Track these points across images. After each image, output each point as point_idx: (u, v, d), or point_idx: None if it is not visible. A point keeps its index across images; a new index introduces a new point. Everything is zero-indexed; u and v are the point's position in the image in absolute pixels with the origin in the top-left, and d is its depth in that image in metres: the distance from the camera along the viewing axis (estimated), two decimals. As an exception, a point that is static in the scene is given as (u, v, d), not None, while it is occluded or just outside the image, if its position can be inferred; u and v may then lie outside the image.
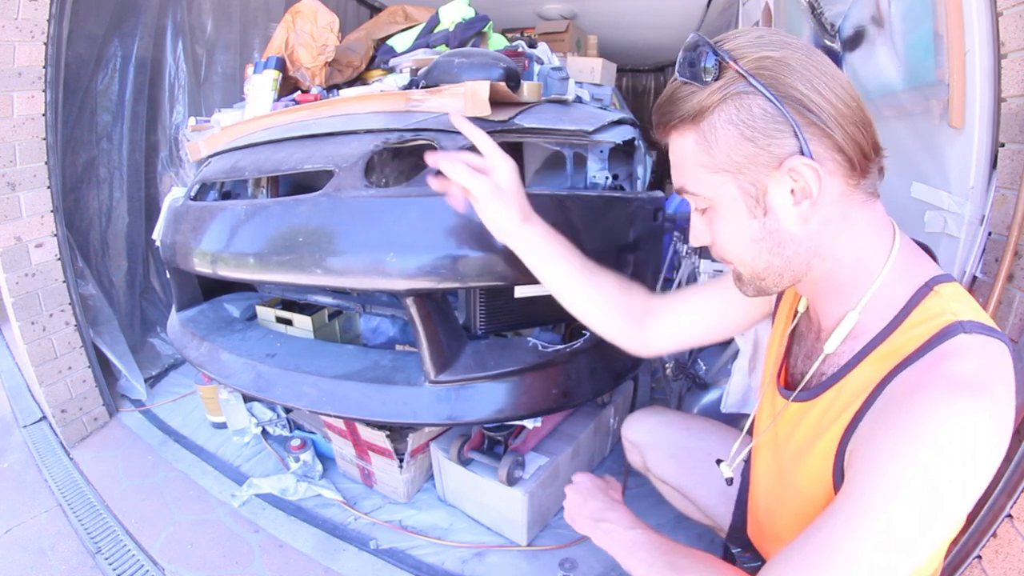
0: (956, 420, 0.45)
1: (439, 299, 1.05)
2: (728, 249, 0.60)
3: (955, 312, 0.51)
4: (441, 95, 1.16)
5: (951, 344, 0.49)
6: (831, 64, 0.52)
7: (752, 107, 0.51)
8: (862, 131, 0.52)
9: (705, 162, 0.55)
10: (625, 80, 5.60)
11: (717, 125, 0.53)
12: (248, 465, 1.65)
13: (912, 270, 0.56)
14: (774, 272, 0.58)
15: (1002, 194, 0.89)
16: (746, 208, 0.55)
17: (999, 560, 0.77)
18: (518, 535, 1.32)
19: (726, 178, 0.55)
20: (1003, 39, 0.85)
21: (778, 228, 0.55)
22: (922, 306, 0.53)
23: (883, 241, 0.57)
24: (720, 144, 0.53)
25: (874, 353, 0.55)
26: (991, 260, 0.91)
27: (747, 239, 0.57)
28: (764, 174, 0.53)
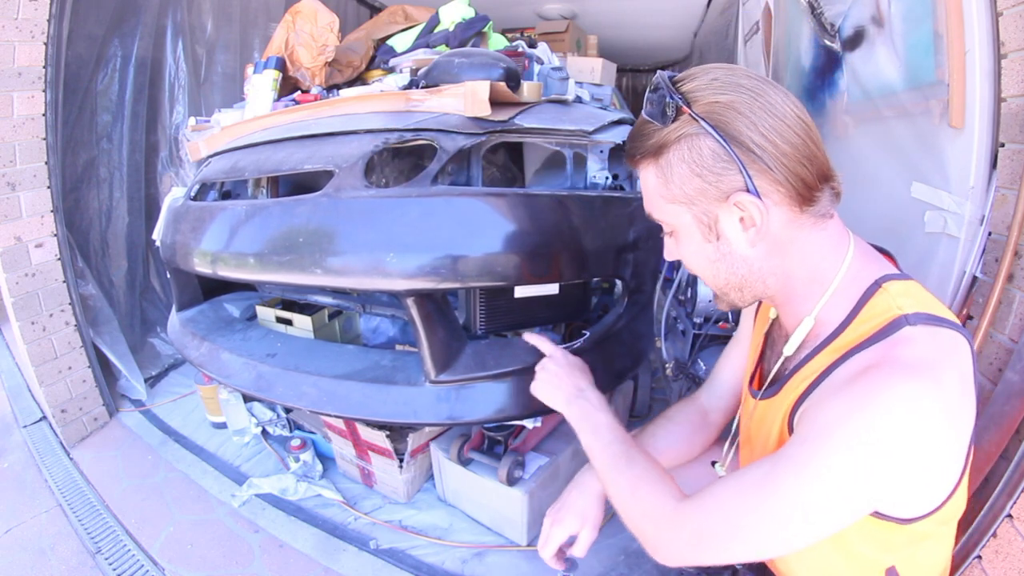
0: (899, 393, 0.49)
1: (439, 299, 1.05)
2: (692, 267, 0.67)
3: (900, 306, 0.55)
4: (441, 95, 1.16)
5: (897, 336, 0.53)
6: (781, 104, 0.56)
7: (702, 147, 0.56)
8: (806, 166, 0.56)
9: (664, 193, 0.61)
10: (625, 80, 5.61)
11: (673, 162, 0.58)
12: (248, 465, 1.65)
13: (863, 273, 0.60)
14: (734, 288, 0.64)
15: (1002, 194, 0.89)
16: (700, 234, 0.62)
17: (999, 560, 0.77)
18: (518, 535, 1.32)
19: (682, 208, 0.61)
20: (1003, 39, 0.85)
21: (730, 251, 0.61)
22: (870, 303, 0.58)
23: (837, 253, 0.61)
24: (675, 179, 0.59)
25: (827, 348, 0.60)
26: (991, 260, 0.91)
27: (705, 260, 0.64)
28: (714, 206, 0.59)
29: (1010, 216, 0.84)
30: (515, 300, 1.15)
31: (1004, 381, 0.84)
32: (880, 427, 0.48)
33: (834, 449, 0.50)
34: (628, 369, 1.29)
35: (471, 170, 1.23)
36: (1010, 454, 0.82)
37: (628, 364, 1.28)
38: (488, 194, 1.03)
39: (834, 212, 0.61)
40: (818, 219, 0.59)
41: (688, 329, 1.59)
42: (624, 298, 1.24)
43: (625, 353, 1.27)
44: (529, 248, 1.02)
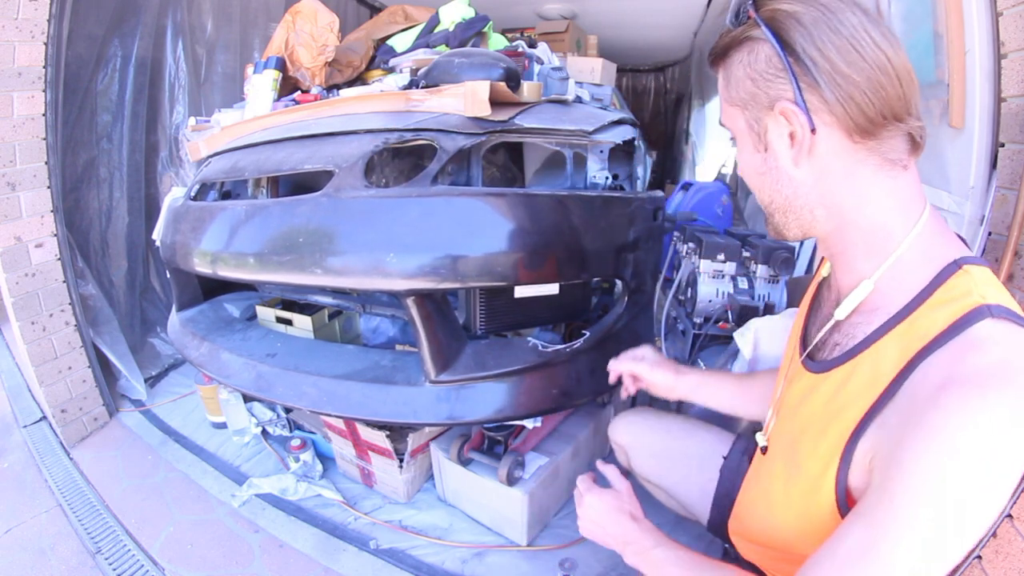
0: (985, 422, 0.44)
1: (439, 299, 1.05)
2: (744, 176, 0.65)
3: (983, 295, 0.49)
4: (441, 95, 1.16)
5: (977, 330, 0.48)
6: (858, 28, 0.52)
7: (759, 52, 0.56)
8: (867, 94, 0.52)
9: (725, 96, 0.62)
10: (625, 80, 5.61)
11: (734, 63, 0.59)
12: (248, 465, 1.65)
13: (940, 248, 0.55)
14: (779, 210, 0.62)
15: (1002, 194, 0.89)
16: (751, 142, 0.61)
17: (999, 560, 0.77)
18: (518, 535, 1.32)
19: (737, 111, 0.61)
20: (1003, 39, 0.85)
21: (777, 166, 0.59)
22: (948, 284, 0.52)
23: (908, 211, 0.56)
24: (733, 81, 0.60)
25: (895, 331, 0.54)
26: (991, 260, 0.91)
27: (753, 171, 0.62)
28: (763, 114, 0.58)
29: (1010, 216, 0.84)
30: (515, 300, 1.15)
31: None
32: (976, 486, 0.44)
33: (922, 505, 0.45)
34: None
35: (471, 170, 1.23)
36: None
37: (628, 364, 1.28)
38: (488, 194, 1.03)
39: (910, 164, 0.56)
40: (884, 162, 0.55)
41: (688, 329, 1.59)
42: (624, 298, 1.24)
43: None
44: (529, 248, 1.02)
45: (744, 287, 1.50)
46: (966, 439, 0.44)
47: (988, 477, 0.44)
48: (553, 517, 1.41)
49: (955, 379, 0.46)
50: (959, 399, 0.45)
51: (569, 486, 1.47)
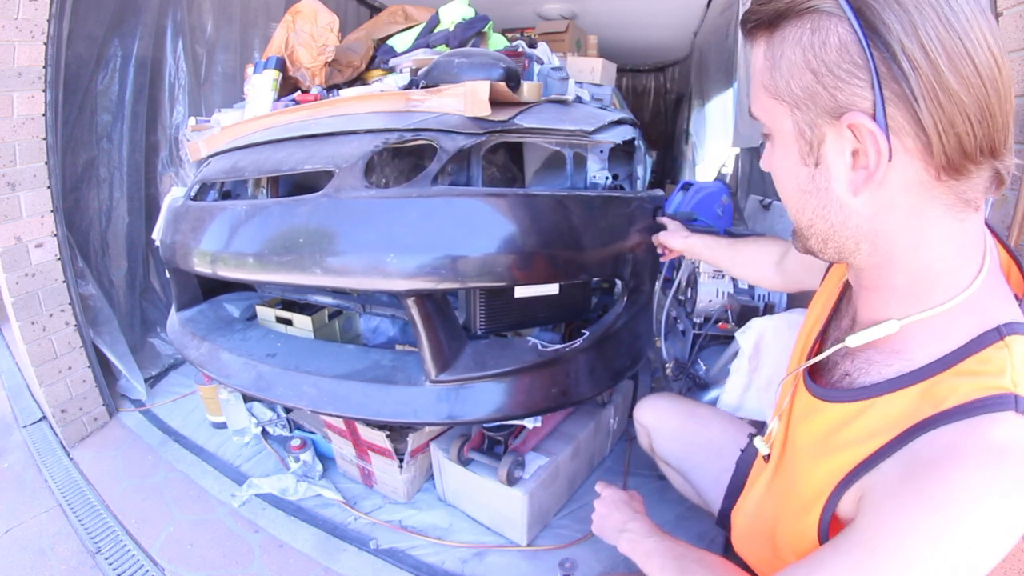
0: (990, 503, 0.40)
1: (439, 299, 1.05)
2: (779, 186, 0.53)
3: (1016, 382, 0.42)
4: (441, 95, 1.16)
5: (996, 418, 0.41)
6: (972, 20, 0.38)
7: (830, 33, 0.41)
8: (971, 123, 0.39)
9: (767, 83, 0.46)
10: (625, 80, 5.61)
11: (787, 40, 0.43)
12: (248, 465, 1.65)
13: (989, 306, 0.46)
14: (817, 236, 0.50)
15: (1002, 194, 0.89)
16: (798, 152, 0.47)
17: (999, 560, 0.77)
18: (518, 535, 1.32)
19: (783, 109, 0.46)
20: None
21: (828, 188, 0.46)
22: (982, 355, 0.44)
23: (967, 261, 0.46)
24: (783, 66, 0.44)
25: (914, 388, 0.47)
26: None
27: (794, 186, 0.49)
28: (823, 120, 0.44)
29: (1010, 216, 0.84)
30: (515, 300, 1.15)
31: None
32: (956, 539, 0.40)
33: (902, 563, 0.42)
34: (627, 368, 1.29)
35: (471, 170, 1.23)
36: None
37: (627, 363, 1.28)
38: (488, 194, 1.03)
39: (983, 203, 0.45)
40: (959, 202, 0.43)
41: (688, 329, 1.59)
42: (623, 298, 1.24)
43: (624, 353, 1.27)
44: (529, 248, 1.02)
45: (744, 287, 1.50)
46: (967, 520, 0.40)
47: (980, 559, 0.41)
48: (553, 517, 1.41)
49: (967, 449, 0.41)
50: (967, 473, 0.41)
51: (569, 486, 1.47)
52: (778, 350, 1.18)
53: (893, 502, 0.44)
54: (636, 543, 0.77)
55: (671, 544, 0.73)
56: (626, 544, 0.79)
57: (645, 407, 1.13)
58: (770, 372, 1.20)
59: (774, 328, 1.21)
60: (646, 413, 1.12)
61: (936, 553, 0.41)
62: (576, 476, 1.49)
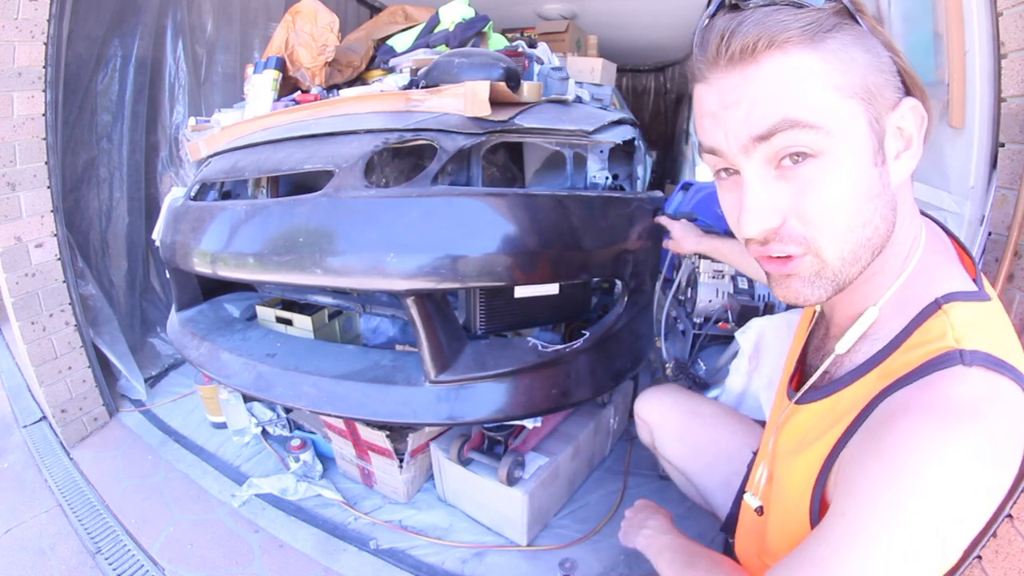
0: (942, 453, 0.41)
1: (439, 299, 1.05)
2: (834, 215, 0.45)
3: (958, 339, 0.45)
4: (441, 95, 1.16)
5: (944, 373, 0.44)
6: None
7: (867, 39, 0.44)
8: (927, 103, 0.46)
9: (839, 82, 0.43)
10: (625, 80, 5.61)
11: (847, 44, 0.43)
12: (248, 465, 1.65)
13: (932, 274, 0.50)
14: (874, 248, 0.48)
15: (1002, 194, 0.89)
16: (871, 151, 0.45)
17: (999, 560, 0.77)
18: (518, 535, 1.32)
19: (859, 108, 0.44)
20: (1003, 39, 0.85)
21: (888, 184, 0.46)
22: (924, 326, 0.48)
23: (914, 228, 0.51)
24: (856, 64, 0.43)
25: (872, 372, 0.51)
26: (991, 260, 0.91)
27: (865, 194, 0.45)
28: (885, 112, 0.45)
29: (1010, 216, 0.84)
30: (515, 300, 1.15)
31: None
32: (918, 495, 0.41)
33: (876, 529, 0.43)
34: (628, 369, 1.29)
35: (471, 170, 1.23)
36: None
37: (628, 364, 1.28)
38: (488, 194, 1.03)
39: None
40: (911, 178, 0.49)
41: (688, 329, 1.59)
42: (624, 298, 1.24)
43: (625, 353, 1.27)
44: (529, 248, 1.02)
45: (744, 287, 1.50)
46: (924, 473, 0.41)
47: (946, 507, 0.42)
48: (553, 517, 1.41)
49: (915, 407, 0.43)
50: (920, 427, 0.42)
51: (569, 486, 1.47)
52: (778, 350, 1.18)
53: (856, 468, 0.46)
54: (652, 539, 0.81)
55: (685, 542, 0.77)
56: (643, 540, 0.83)
57: (647, 402, 1.09)
58: (770, 372, 1.20)
59: (774, 328, 1.21)
60: (648, 409, 1.08)
61: (904, 508, 0.42)
62: (576, 476, 1.49)
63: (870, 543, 0.43)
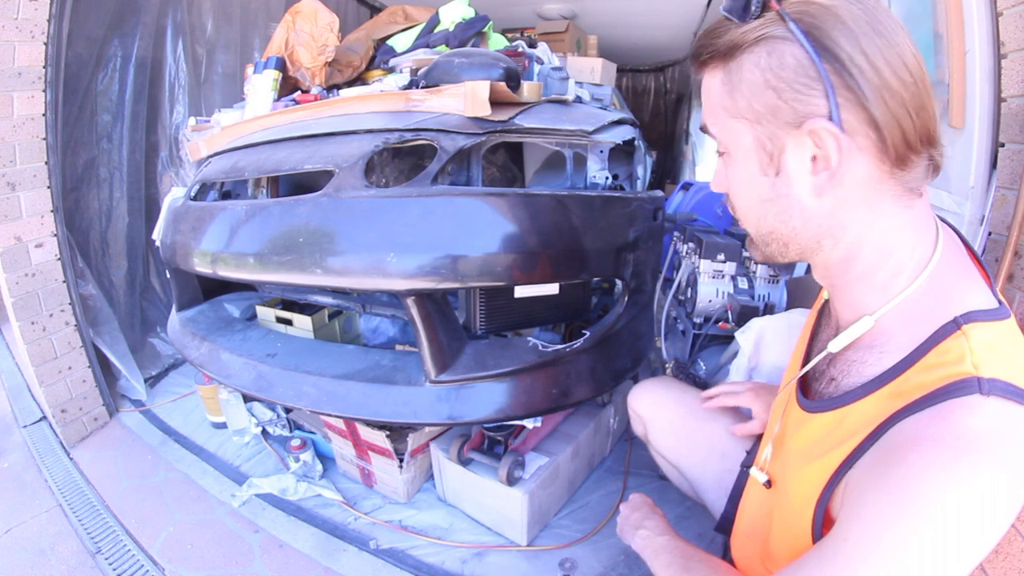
0: (953, 490, 0.40)
1: (439, 299, 1.05)
2: (736, 202, 0.57)
3: (976, 365, 0.44)
4: (441, 95, 1.16)
5: (961, 402, 0.43)
6: (898, 31, 0.45)
7: (785, 55, 0.46)
8: (911, 117, 0.45)
9: (727, 105, 0.51)
10: (625, 80, 5.61)
11: (744, 67, 0.48)
12: (248, 465, 1.65)
13: (950, 292, 0.49)
14: (778, 240, 0.54)
15: (1002, 194, 0.89)
16: (758, 163, 0.51)
17: (999, 560, 0.77)
18: (518, 535, 1.32)
19: (744, 126, 0.50)
20: (1003, 39, 0.85)
21: (788, 194, 0.51)
22: (941, 347, 0.47)
23: (921, 242, 0.51)
24: (743, 88, 0.49)
25: (884, 389, 0.50)
26: (991, 260, 0.91)
27: (754, 197, 0.53)
28: (784, 131, 0.48)
29: (1010, 216, 0.84)
30: (515, 300, 1.15)
31: (1004, 381, 0.84)
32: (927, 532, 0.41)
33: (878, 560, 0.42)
34: (628, 369, 1.29)
35: (471, 170, 1.23)
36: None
37: (628, 364, 1.28)
38: (488, 194, 1.03)
39: (924, 190, 0.50)
40: (905, 191, 0.49)
41: (688, 329, 1.59)
42: (624, 298, 1.24)
43: (625, 353, 1.27)
44: (529, 248, 1.02)
45: (744, 287, 1.50)
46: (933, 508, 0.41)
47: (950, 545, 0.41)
48: (553, 517, 1.41)
49: (932, 437, 0.43)
50: (933, 460, 0.41)
51: (569, 486, 1.47)
52: (778, 350, 1.18)
53: (862, 493, 0.46)
54: (649, 539, 0.81)
55: (682, 545, 0.77)
56: (640, 540, 0.83)
57: (641, 395, 1.08)
58: (769, 372, 1.20)
59: (774, 328, 1.21)
60: (643, 402, 1.08)
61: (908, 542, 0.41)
62: (576, 476, 1.49)
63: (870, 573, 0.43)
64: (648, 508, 0.90)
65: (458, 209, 1.01)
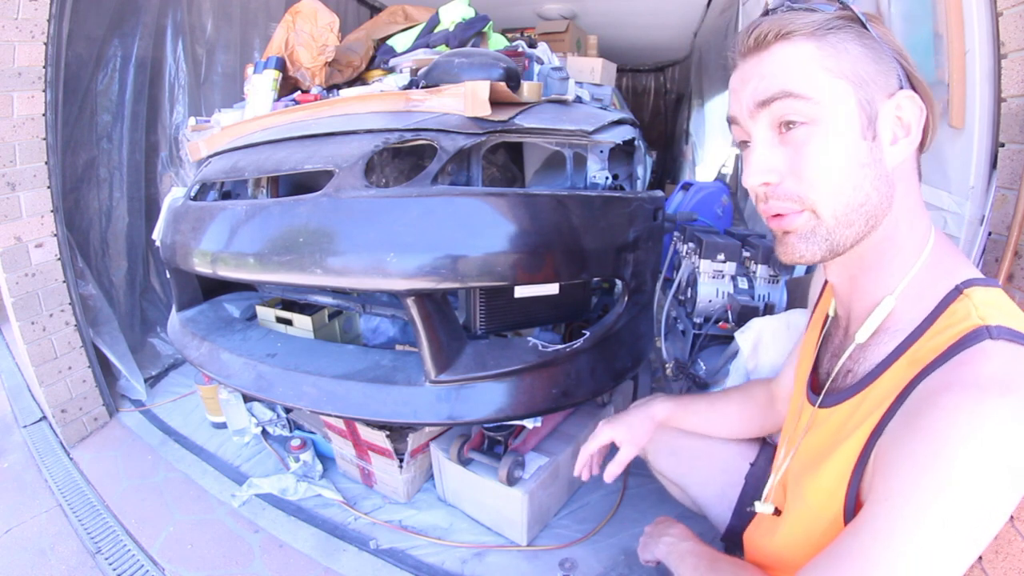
0: (984, 425, 0.43)
1: (439, 299, 1.05)
2: (824, 175, 0.53)
3: (983, 317, 0.49)
4: (441, 95, 1.16)
5: (975, 349, 0.47)
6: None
7: (866, 38, 0.53)
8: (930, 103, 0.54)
9: (831, 66, 0.52)
10: (625, 80, 5.61)
11: (845, 39, 0.52)
12: (248, 465, 1.65)
13: (947, 266, 0.55)
14: (867, 214, 0.53)
15: (1002, 194, 0.89)
16: (860, 126, 0.52)
17: (999, 560, 0.77)
18: (518, 535, 1.32)
19: (849, 88, 0.52)
20: (1003, 39, 0.85)
21: (881, 159, 0.53)
22: (948, 311, 0.52)
23: (924, 224, 0.56)
24: (849, 55, 0.52)
25: (902, 358, 0.53)
26: (991, 260, 0.91)
27: (854, 161, 0.52)
28: (880, 98, 0.52)
29: (1010, 216, 0.84)
30: (515, 300, 1.15)
31: (1004, 381, 0.84)
32: (965, 466, 0.43)
33: (924, 505, 0.44)
34: (628, 369, 1.29)
35: (471, 170, 1.23)
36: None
37: (628, 364, 1.28)
38: (488, 194, 1.03)
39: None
40: (917, 172, 0.56)
41: (688, 329, 1.59)
42: (624, 298, 1.24)
43: (625, 353, 1.27)
44: (529, 248, 1.02)
45: (744, 287, 1.50)
46: (968, 446, 0.43)
47: (991, 476, 0.43)
48: (553, 517, 1.41)
49: (954, 384, 0.46)
50: (959, 403, 0.44)
51: (569, 486, 1.47)
52: (777, 351, 1.18)
53: (896, 451, 0.48)
54: (674, 545, 0.82)
55: (707, 549, 0.78)
56: (664, 547, 0.83)
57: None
58: (769, 372, 1.20)
59: (773, 328, 1.21)
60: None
61: (948, 480, 0.43)
62: (576, 476, 1.49)
63: (916, 519, 0.44)
64: (670, 522, 0.90)
65: (458, 209, 1.01)
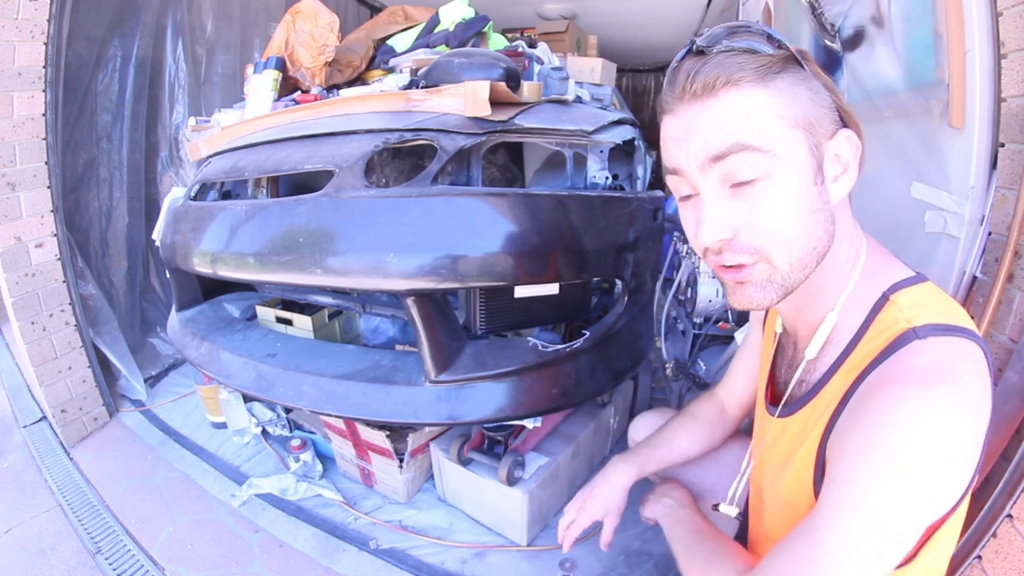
0: (916, 412, 0.47)
1: (439, 299, 1.05)
2: (781, 227, 0.52)
3: (908, 319, 0.53)
4: (441, 95, 1.16)
5: (905, 350, 0.51)
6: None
7: (809, 78, 0.53)
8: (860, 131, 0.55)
9: (785, 114, 0.51)
10: (625, 80, 5.61)
11: (792, 83, 0.52)
12: (248, 465, 1.65)
13: (879, 273, 0.58)
14: (817, 256, 0.54)
15: (1002, 194, 0.89)
16: (811, 172, 0.52)
17: (999, 560, 0.77)
18: (518, 535, 1.32)
19: (801, 136, 0.52)
20: (1003, 39, 0.85)
21: (828, 201, 0.54)
22: (878, 319, 0.56)
23: (857, 237, 0.60)
24: (799, 100, 0.51)
25: (842, 368, 0.58)
26: (991, 260, 0.91)
27: (807, 209, 0.52)
28: (824, 140, 0.53)
29: (1010, 216, 0.84)
30: (515, 300, 1.15)
31: (1004, 381, 0.84)
32: (901, 448, 0.46)
33: (866, 486, 0.47)
34: (628, 369, 1.29)
35: (471, 170, 1.23)
36: (1010, 454, 0.82)
37: (628, 364, 1.28)
38: (488, 194, 1.03)
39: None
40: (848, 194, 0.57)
41: (688, 329, 1.59)
42: (624, 298, 1.24)
43: (625, 353, 1.27)
44: (529, 248, 1.02)
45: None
46: (905, 425, 0.47)
47: (929, 458, 0.46)
48: (553, 517, 1.41)
49: (891, 378, 0.50)
50: (896, 392, 0.48)
51: (569, 486, 1.47)
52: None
53: (841, 441, 0.52)
54: (672, 509, 0.84)
55: (700, 521, 0.79)
56: (662, 508, 0.86)
57: (641, 428, 1.08)
58: (770, 372, 1.20)
59: (774, 328, 1.21)
60: (641, 432, 1.06)
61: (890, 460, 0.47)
62: (576, 476, 1.49)
63: (861, 500, 0.48)
64: (677, 484, 0.92)
65: (458, 209, 1.01)
